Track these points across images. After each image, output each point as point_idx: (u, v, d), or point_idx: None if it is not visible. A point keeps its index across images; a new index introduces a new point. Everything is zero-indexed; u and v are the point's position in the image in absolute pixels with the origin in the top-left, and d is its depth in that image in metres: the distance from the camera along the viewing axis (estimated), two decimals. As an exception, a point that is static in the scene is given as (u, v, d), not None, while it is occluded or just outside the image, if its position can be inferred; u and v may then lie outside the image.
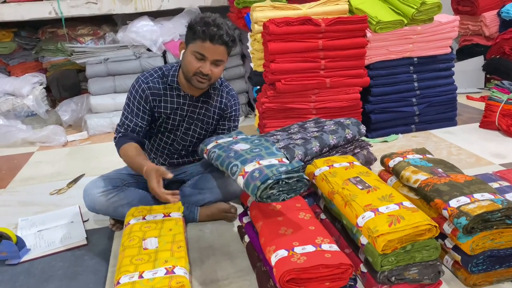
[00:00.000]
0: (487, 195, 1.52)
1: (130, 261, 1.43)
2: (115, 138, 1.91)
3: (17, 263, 1.76)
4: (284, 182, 1.46)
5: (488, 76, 4.14)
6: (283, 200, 1.49)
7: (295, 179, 1.49)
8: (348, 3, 2.99)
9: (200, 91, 1.92)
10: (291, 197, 1.50)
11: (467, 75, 4.06)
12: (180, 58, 1.87)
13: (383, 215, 1.43)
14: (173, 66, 1.93)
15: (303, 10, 2.88)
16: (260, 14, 2.85)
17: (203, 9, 3.79)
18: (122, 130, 1.89)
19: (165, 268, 1.38)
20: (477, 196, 1.52)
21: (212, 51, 1.75)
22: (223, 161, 1.66)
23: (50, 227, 2.02)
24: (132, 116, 1.88)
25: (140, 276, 1.35)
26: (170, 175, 1.66)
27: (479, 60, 4.12)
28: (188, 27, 1.79)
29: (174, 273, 1.36)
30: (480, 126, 3.13)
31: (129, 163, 1.85)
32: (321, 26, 2.74)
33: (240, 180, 1.52)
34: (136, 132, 1.89)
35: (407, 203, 1.50)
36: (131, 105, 1.89)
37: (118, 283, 1.33)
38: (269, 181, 1.43)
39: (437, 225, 1.41)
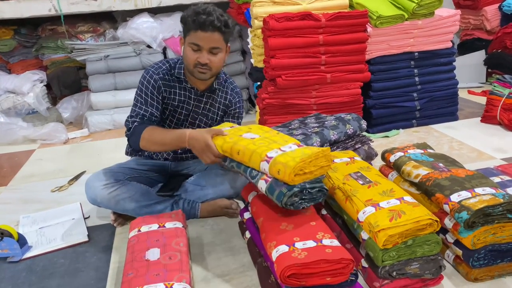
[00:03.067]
0: (489, 190, 1.52)
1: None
2: (129, 129, 1.84)
3: (18, 260, 1.77)
4: (307, 192, 1.47)
5: (489, 70, 4.12)
6: (303, 207, 1.49)
7: (317, 189, 1.49)
8: (348, -3, 2.98)
9: (205, 85, 1.93)
10: (310, 205, 1.51)
11: (469, 69, 4.04)
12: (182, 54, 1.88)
13: (384, 210, 1.43)
14: (178, 59, 1.93)
15: (303, 5, 2.87)
16: (260, 9, 2.84)
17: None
18: (137, 120, 1.83)
19: None
20: (478, 190, 1.52)
21: (206, 39, 1.74)
22: (239, 164, 1.62)
23: (51, 224, 2.03)
24: (146, 106, 1.85)
25: None
26: (225, 133, 1.62)
27: (480, 55, 4.10)
28: (181, 21, 1.80)
29: None
30: (481, 121, 3.12)
31: (162, 140, 1.75)
32: (321, 21, 2.73)
33: (262, 185, 1.50)
34: (152, 121, 1.84)
35: (408, 198, 1.50)
36: (143, 95, 1.86)
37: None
38: (295, 189, 1.43)
39: (438, 219, 1.41)
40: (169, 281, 1.37)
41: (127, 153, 2.14)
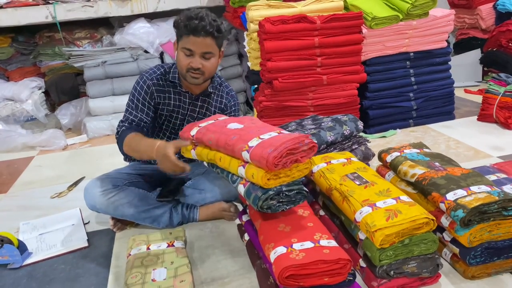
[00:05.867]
0: (484, 188, 1.53)
1: None
2: (117, 133, 1.88)
3: (19, 267, 1.77)
4: (284, 194, 1.47)
5: (485, 69, 4.14)
6: (282, 210, 1.49)
7: (295, 191, 1.49)
8: (343, -1, 3.00)
9: (199, 89, 1.94)
10: (290, 208, 1.51)
11: (465, 68, 4.07)
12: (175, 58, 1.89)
13: (381, 210, 1.44)
14: (173, 64, 1.95)
15: (298, 8, 2.89)
16: (256, 13, 2.86)
17: (198, 9, 3.79)
18: (126, 124, 1.87)
19: None
20: (473, 188, 1.53)
21: (198, 44, 1.76)
22: (223, 169, 1.63)
23: (51, 230, 2.03)
24: (137, 112, 1.88)
25: None
26: (188, 143, 1.66)
27: (476, 54, 4.12)
28: (173, 26, 1.82)
29: None
30: (478, 119, 3.14)
31: (136, 148, 1.78)
32: (316, 24, 2.75)
33: (241, 189, 1.52)
34: (141, 126, 1.87)
35: (404, 198, 1.51)
36: (135, 101, 1.89)
37: None
38: (270, 192, 1.43)
39: (434, 218, 1.42)
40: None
41: (125, 159, 2.15)
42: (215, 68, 1.87)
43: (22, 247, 1.82)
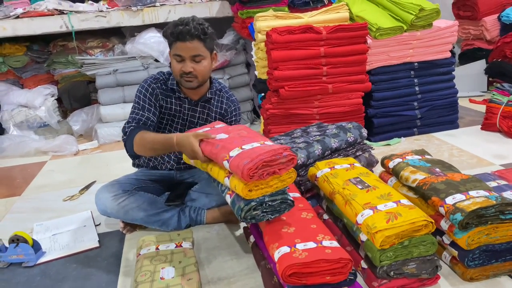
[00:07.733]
0: (482, 192, 1.58)
1: None
2: (125, 133, 1.89)
3: (33, 265, 1.84)
4: (267, 205, 1.52)
5: (490, 79, 4.18)
6: (267, 220, 1.54)
7: (279, 201, 1.53)
8: (348, 11, 3.07)
9: (198, 94, 2.01)
10: (275, 217, 1.55)
11: (470, 78, 4.10)
12: None
13: (381, 213, 1.49)
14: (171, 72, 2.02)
15: (305, 18, 2.96)
16: (263, 23, 2.94)
17: (208, 19, 3.88)
18: (133, 124, 1.89)
19: None
20: (472, 193, 1.57)
21: (185, 49, 1.83)
22: (214, 178, 1.69)
23: (64, 231, 2.11)
24: (143, 111, 1.92)
25: None
26: (213, 136, 1.65)
27: (481, 64, 4.16)
28: (163, 36, 1.91)
29: None
30: (481, 128, 3.17)
31: (151, 144, 1.79)
32: (322, 34, 2.82)
33: (228, 199, 1.58)
34: (148, 125, 1.91)
35: (404, 201, 1.56)
36: (141, 102, 1.94)
37: None
38: (252, 203, 1.48)
39: (433, 221, 1.47)
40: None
41: (134, 165, 2.22)
42: (208, 70, 1.92)
43: (36, 246, 1.89)
